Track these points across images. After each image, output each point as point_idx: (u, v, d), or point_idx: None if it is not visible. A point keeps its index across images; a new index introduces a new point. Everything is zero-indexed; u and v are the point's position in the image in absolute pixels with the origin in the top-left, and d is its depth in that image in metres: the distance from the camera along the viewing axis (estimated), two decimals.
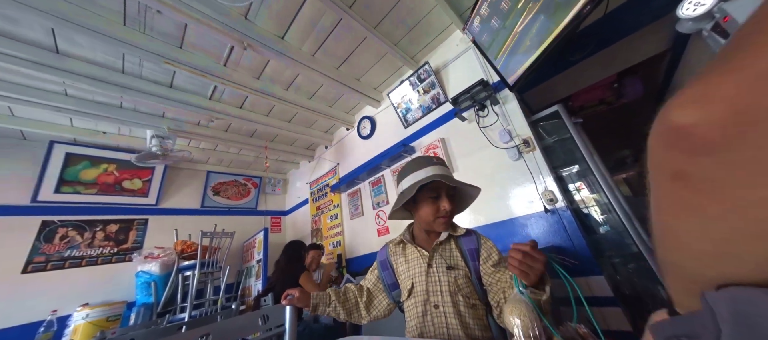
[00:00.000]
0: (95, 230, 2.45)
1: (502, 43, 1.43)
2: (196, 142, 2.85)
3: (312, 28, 1.74)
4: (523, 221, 1.52)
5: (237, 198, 3.48)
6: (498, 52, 1.48)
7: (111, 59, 1.73)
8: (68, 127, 2.31)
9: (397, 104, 2.28)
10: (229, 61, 1.89)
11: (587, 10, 0.96)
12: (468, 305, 0.71)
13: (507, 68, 1.46)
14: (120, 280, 2.42)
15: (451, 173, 0.81)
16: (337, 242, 2.75)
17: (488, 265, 0.74)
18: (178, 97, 2.06)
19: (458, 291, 0.73)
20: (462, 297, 0.72)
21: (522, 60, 1.33)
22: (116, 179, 2.62)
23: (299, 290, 0.88)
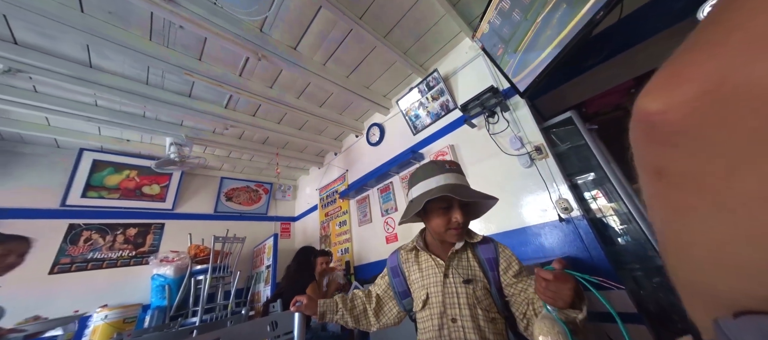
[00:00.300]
0: (116, 233, 2.57)
1: (512, 50, 1.42)
2: (211, 149, 2.96)
3: (323, 38, 1.80)
4: (537, 230, 1.47)
5: (248, 204, 3.56)
6: (508, 59, 1.47)
7: (137, 72, 1.85)
8: (96, 136, 2.46)
9: (406, 111, 2.30)
10: (245, 71, 1.98)
11: (600, 16, 0.94)
12: (488, 319, 0.67)
13: (517, 75, 1.45)
14: (137, 282, 2.50)
15: (466, 179, 0.76)
16: (346, 248, 2.75)
17: (509, 275, 0.71)
18: (196, 107, 2.16)
19: (477, 304, 0.68)
20: (481, 310, 0.68)
21: (533, 67, 1.32)
22: (137, 185, 2.75)
23: (307, 297, 0.88)
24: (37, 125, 2.18)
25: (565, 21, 1.08)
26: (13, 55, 1.51)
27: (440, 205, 0.72)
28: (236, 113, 2.40)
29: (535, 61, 1.29)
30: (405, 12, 1.68)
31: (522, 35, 1.33)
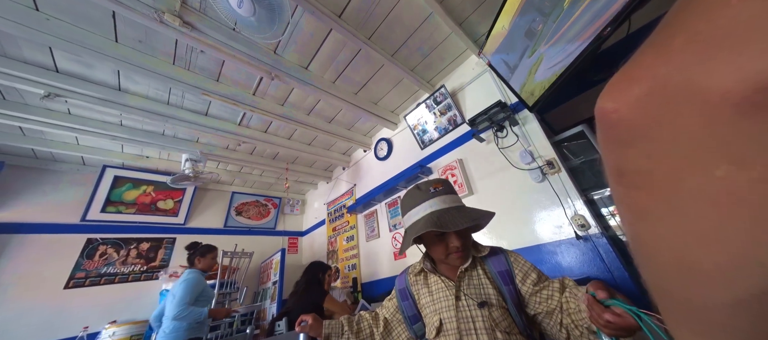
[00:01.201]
0: (130, 248, 2.63)
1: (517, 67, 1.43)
2: (223, 165, 3.05)
3: (333, 58, 1.88)
4: (552, 248, 1.40)
5: (257, 218, 3.59)
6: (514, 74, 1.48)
7: (160, 93, 1.96)
8: (119, 153, 2.59)
9: (414, 126, 2.32)
10: (259, 90, 2.07)
11: (607, 33, 0.94)
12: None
13: (525, 90, 1.45)
14: (146, 298, 2.52)
15: (457, 196, 0.71)
16: (353, 265, 2.69)
17: (528, 285, 0.65)
18: (211, 124, 2.26)
19: (496, 327, 0.62)
20: (501, 334, 0.61)
21: (540, 83, 1.32)
22: (152, 200, 2.84)
23: (313, 316, 0.85)
24: (67, 145, 2.33)
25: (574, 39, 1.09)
26: (53, 81, 1.64)
27: (434, 233, 0.68)
28: (249, 130, 2.48)
29: (542, 78, 1.29)
30: (412, 32, 1.75)
31: (528, 52, 1.34)
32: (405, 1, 1.53)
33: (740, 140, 0.09)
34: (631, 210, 0.14)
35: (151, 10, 1.30)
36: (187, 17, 1.39)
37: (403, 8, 1.57)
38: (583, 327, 0.53)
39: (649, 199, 0.12)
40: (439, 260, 0.74)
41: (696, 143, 0.10)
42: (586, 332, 0.52)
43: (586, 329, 0.52)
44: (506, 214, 1.63)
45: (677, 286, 0.13)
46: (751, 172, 0.09)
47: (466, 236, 0.71)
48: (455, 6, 1.60)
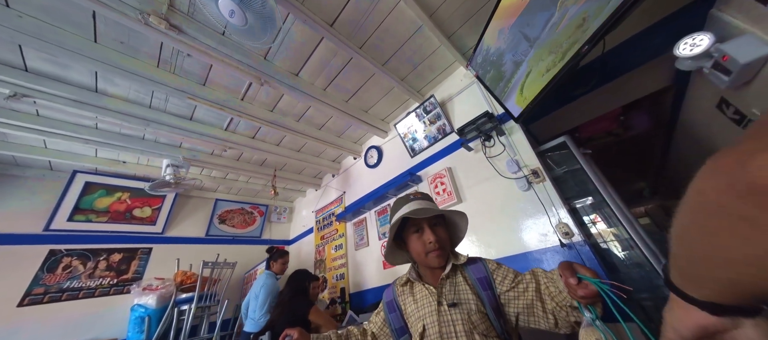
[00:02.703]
0: (99, 259, 2.43)
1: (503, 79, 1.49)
2: (208, 171, 2.94)
3: (324, 66, 1.88)
4: (538, 256, 1.43)
5: (242, 226, 3.46)
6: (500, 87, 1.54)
7: (141, 96, 1.89)
8: (92, 158, 2.44)
9: (404, 134, 2.34)
10: (247, 95, 2.03)
11: (585, 50, 1.00)
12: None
13: (510, 101, 1.50)
14: (114, 314, 2.32)
15: (433, 204, 0.81)
16: (341, 274, 2.63)
17: (506, 284, 0.70)
18: (197, 129, 2.18)
19: (474, 330, 0.66)
20: (478, 336, 0.65)
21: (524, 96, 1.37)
22: (128, 207, 2.67)
23: (299, 330, 0.82)
24: (34, 148, 2.17)
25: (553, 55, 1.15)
26: (21, 81, 1.54)
27: (413, 230, 0.77)
28: (236, 135, 2.42)
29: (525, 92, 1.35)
30: (402, 43, 1.79)
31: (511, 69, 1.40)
32: (395, 14, 1.57)
33: None
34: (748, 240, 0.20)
35: (136, 12, 1.26)
36: (174, 20, 1.35)
37: (393, 20, 1.61)
38: (566, 306, 0.57)
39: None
40: (422, 263, 0.80)
41: None
42: (569, 310, 0.57)
43: (568, 306, 0.57)
44: (494, 222, 1.66)
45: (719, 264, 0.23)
46: None
47: (441, 235, 0.77)
48: (444, 20, 1.66)
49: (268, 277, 2.04)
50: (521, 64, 1.27)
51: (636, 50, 1.51)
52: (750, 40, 0.84)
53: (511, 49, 1.31)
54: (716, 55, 0.89)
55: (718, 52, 0.88)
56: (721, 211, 0.21)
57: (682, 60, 0.97)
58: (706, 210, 0.23)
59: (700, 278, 0.27)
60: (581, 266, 0.52)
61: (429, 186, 2.06)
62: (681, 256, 0.28)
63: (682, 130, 2.11)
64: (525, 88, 1.30)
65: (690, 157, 2.37)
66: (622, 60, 1.56)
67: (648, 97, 1.91)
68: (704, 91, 1.49)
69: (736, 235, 0.21)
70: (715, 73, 0.91)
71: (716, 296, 0.25)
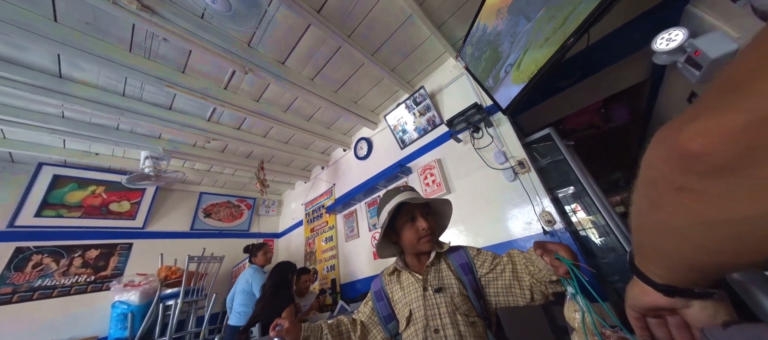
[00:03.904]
0: (73, 256, 2.30)
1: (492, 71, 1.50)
2: (191, 163, 2.82)
3: (312, 54, 1.82)
4: (523, 243, 1.49)
5: (229, 220, 3.37)
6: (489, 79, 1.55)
7: (113, 83, 1.76)
8: (60, 149, 2.27)
9: (394, 126, 2.33)
10: (230, 84, 1.94)
11: (570, 43, 1.03)
12: (467, 324, 0.70)
13: (499, 93, 1.53)
14: (93, 312, 2.23)
15: (420, 196, 0.87)
16: (332, 265, 2.64)
17: (486, 267, 0.76)
18: (177, 119, 2.08)
19: (456, 310, 0.71)
20: (461, 316, 0.70)
21: (511, 86, 1.39)
22: (103, 202, 2.53)
23: (289, 320, 0.82)
24: None
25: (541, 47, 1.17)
26: None
27: (406, 219, 0.82)
28: (220, 126, 2.32)
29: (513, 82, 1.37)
30: (392, 32, 1.75)
31: (500, 58, 1.41)
32: (385, 2, 1.53)
33: None
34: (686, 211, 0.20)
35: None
36: (146, 1, 1.26)
37: (383, 9, 1.57)
38: (546, 281, 0.63)
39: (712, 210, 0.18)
40: (411, 250, 0.84)
41: None
42: (547, 284, 0.63)
43: (547, 282, 0.63)
44: (482, 212, 1.70)
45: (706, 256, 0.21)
46: None
47: (432, 223, 0.82)
48: (434, 9, 1.64)
49: (255, 271, 2.05)
50: (520, 42, 1.26)
51: (617, 44, 1.56)
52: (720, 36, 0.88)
53: (509, 27, 1.29)
54: (689, 50, 0.94)
55: (691, 47, 0.93)
56: (662, 181, 0.21)
57: (658, 54, 1.01)
58: (652, 182, 0.23)
59: (654, 257, 0.28)
60: (558, 246, 0.57)
61: (418, 177, 2.08)
62: (637, 234, 0.29)
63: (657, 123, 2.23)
64: (522, 64, 1.29)
65: None
66: (604, 54, 1.61)
67: (627, 90, 2.00)
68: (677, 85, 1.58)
69: (676, 207, 0.20)
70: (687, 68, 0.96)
71: (670, 278, 0.27)
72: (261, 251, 2.24)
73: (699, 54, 0.90)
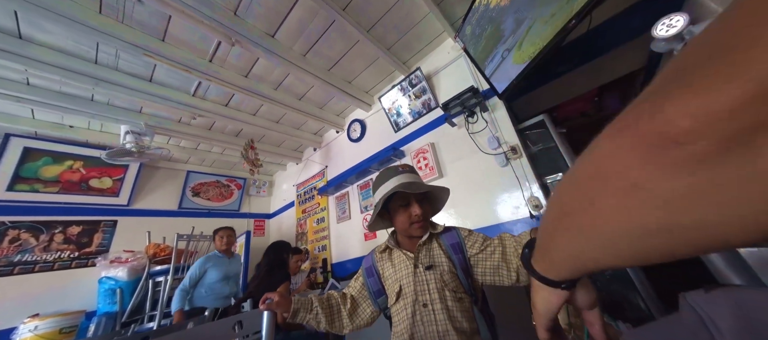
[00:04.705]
0: (53, 232, 2.23)
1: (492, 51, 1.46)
2: (176, 140, 2.70)
3: (304, 28, 1.72)
4: (510, 227, 1.54)
5: (219, 199, 3.32)
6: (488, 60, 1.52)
7: (83, 48, 1.61)
8: (28, 120, 2.12)
9: (388, 108, 2.28)
10: (216, 57, 1.82)
11: (572, 24, 1.00)
12: (455, 299, 0.73)
13: (496, 76, 1.50)
14: (79, 287, 2.20)
15: (419, 177, 0.85)
16: (323, 245, 2.67)
17: (476, 248, 0.77)
18: (158, 92, 1.95)
19: (445, 287, 0.74)
20: (449, 292, 0.74)
21: (510, 69, 1.37)
22: (82, 177, 2.42)
23: (279, 293, 0.83)
24: None
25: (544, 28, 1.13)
26: None
27: (400, 203, 0.81)
28: (206, 102, 2.21)
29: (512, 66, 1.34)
30: (389, 7, 1.66)
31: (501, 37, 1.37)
32: None
33: None
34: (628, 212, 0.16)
35: None
36: None
37: None
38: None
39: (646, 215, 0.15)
40: (402, 233, 0.85)
41: None
42: None
43: None
44: (472, 196, 1.73)
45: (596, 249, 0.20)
46: None
47: (426, 209, 0.82)
48: None
49: (206, 259, 2.00)
50: (524, 20, 1.22)
51: (618, 29, 1.54)
52: None
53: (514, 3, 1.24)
54: (687, 38, 0.93)
55: (689, 34, 0.92)
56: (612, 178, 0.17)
57: (657, 41, 1.00)
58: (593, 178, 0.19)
59: (558, 259, 0.26)
60: None
61: (412, 161, 2.07)
62: (549, 236, 0.27)
63: None
64: (524, 44, 1.26)
65: None
66: (604, 39, 1.59)
67: (621, 79, 2.00)
68: None
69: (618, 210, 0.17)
70: None
71: (570, 274, 0.27)
72: (218, 234, 2.11)
73: None
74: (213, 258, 2.02)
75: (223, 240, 2.10)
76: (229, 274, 2.05)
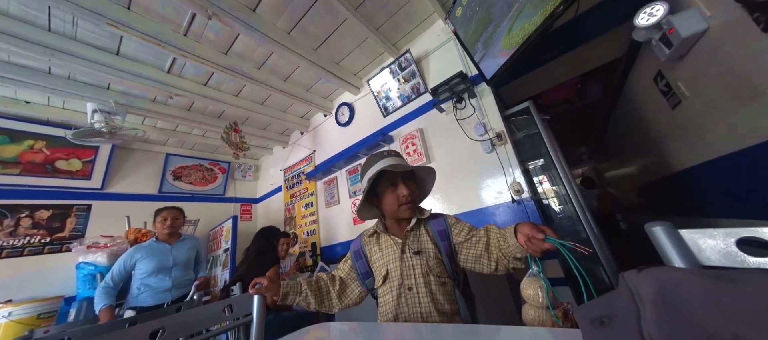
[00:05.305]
0: (19, 216, 2.09)
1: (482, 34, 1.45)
2: (151, 121, 2.54)
3: (288, 2, 1.61)
4: (493, 211, 1.61)
5: (202, 183, 3.21)
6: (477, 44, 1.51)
7: (31, 12, 1.43)
8: None
9: (377, 92, 2.24)
10: (191, 31, 1.69)
11: (560, 10, 1.00)
12: (439, 284, 0.76)
13: (484, 62, 1.50)
14: (55, 273, 2.12)
15: (404, 160, 0.86)
16: (312, 230, 2.69)
17: (462, 236, 0.79)
18: (128, 68, 1.80)
19: (430, 272, 0.77)
20: (433, 277, 0.77)
21: (498, 55, 1.37)
22: (47, 158, 2.24)
23: (268, 277, 0.84)
24: None
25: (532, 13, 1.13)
26: None
27: (387, 185, 0.83)
28: (183, 80, 2.07)
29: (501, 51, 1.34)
30: None
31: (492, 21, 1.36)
32: None
33: None
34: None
35: None
36: None
37: None
38: (511, 257, 0.68)
39: None
40: (391, 216, 0.86)
41: None
42: (511, 260, 0.69)
43: (512, 258, 0.68)
44: (459, 181, 1.78)
45: None
46: None
47: (412, 189, 0.84)
48: None
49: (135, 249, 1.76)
50: (514, 3, 1.21)
51: (602, 16, 1.56)
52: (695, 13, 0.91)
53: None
54: (665, 27, 0.96)
55: (667, 23, 0.95)
56: None
57: (638, 30, 1.03)
58: None
59: None
60: (547, 228, 0.60)
61: (400, 146, 2.08)
62: None
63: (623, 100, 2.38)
64: (514, 28, 1.25)
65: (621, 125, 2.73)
66: (589, 26, 1.62)
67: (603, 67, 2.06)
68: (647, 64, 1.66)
69: None
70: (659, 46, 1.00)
71: None
72: (159, 216, 1.81)
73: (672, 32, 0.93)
74: (144, 248, 1.74)
75: (165, 223, 1.78)
76: (166, 264, 1.74)
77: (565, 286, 1.33)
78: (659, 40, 0.98)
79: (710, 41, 0.96)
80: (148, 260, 1.71)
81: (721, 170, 1.43)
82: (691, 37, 0.86)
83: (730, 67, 0.97)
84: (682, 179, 1.83)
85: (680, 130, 1.60)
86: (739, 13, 0.83)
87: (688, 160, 1.66)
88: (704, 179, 1.60)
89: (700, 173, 1.61)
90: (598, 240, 1.39)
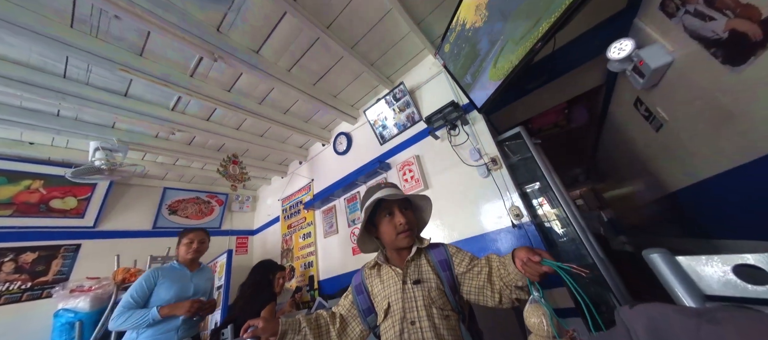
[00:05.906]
0: (2, 260, 1.99)
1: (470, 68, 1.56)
2: (152, 156, 2.57)
3: (288, 44, 1.74)
4: (494, 236, 1.59)
5: (198, 217, 3.15)
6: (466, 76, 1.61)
7: (50, 62, 1.53)
8: None
9: (374, 121, 2.33)
10: (197, 72, 1.80)
11: (539, 46, 1.10)
12: (442, 317, 0.73)
13: (474, 92, 1.59)
14: (31, 323, 1.96)
15: (401, 191, 0.88)
16: (310, 262, 2.60)
17: (463, 267, 0.78)
18: (134, 107, 1.88)
19: (432, 304, 0.74)
20: (436, 309, 0.74)
21: (487, 84, 1.46)
22: (42, 198, 2.22)
23: (263, 318, 0.80)
24: None
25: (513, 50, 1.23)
26: None
27: (384, 213, 0.83)
28: (186, 116, 2.14)
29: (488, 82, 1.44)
30: (371, 26, 1.74)
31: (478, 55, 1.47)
32: None
33: None
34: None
35: None
36: None
37: (362, 1, 1.55)
38: (513, 286, 0.67)
39: None
40: (390, 245, 0.86)
41: None
42: (513, 289, 0.67)
43: (514, 287, 0.67)
44: (457, 207, 1.78)
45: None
46: None
47: (409, 217, 0.84)
48: (413, 5, 1.65)
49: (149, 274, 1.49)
50: (497, 41, 1.31)
51: (578, 51, 1.70)
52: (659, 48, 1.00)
53: (488, 26, 1.33)
54: (635, 60, 1.05)
55: (637, 56, 1.04)
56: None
57: (612, 62, 1.12)
58: None
59: None
60: (543, 251, 0.60)
61: (398, 173, 2.10)
62: None
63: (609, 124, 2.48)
64: (499, 61, 1.35)
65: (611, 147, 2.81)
66: (567, 59, 1.75)
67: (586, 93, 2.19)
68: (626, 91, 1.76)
69: None
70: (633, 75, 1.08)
71: None
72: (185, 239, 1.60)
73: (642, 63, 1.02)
74: (166, 270, 1.50)
75: (191, 246, 1.57)
76: (186, 293, 1.49)
77: (576, 317, 1.26)
78: (632, 71, 1.07)
79: (679, 70, 1.05)
80: (167, 286, 1.44)
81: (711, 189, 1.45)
82: (660, 68, 0.94)
83: (700, 92, 1.05)
84: (676, 199, 1.85)
85: (667, 152, 1.66)
86: (698, 48, 0.92)
87: (679, 181, 1.70)
88: (697, 199, 1.62)
89: (692, 194, 1.63)
90: (604, 264, 1.36)
